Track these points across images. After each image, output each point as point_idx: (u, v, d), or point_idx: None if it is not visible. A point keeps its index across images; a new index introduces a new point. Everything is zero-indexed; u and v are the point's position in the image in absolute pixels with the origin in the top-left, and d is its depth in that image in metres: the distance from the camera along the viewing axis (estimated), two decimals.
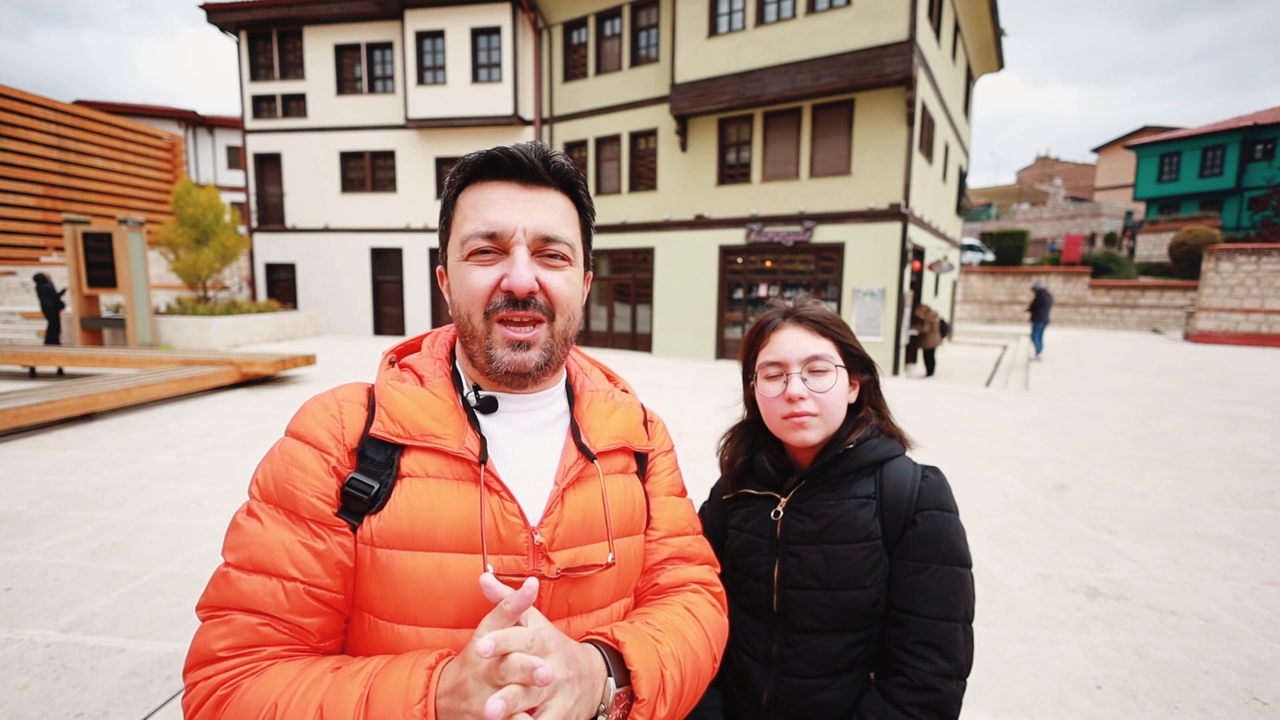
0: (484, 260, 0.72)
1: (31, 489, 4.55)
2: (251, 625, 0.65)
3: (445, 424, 0.73)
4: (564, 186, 0.76)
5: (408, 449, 0.72)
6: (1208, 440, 6.53)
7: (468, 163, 0.74)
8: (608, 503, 0.79)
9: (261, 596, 0.65)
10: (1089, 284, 22.87)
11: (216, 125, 27.84)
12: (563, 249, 0.74)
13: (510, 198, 0.72)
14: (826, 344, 0.99)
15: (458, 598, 0.68)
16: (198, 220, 14.79)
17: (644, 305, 14.84)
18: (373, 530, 0.69)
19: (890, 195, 11.36)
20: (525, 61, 15.65)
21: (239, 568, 0.67)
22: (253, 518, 0.69)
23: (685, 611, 0.83)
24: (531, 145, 0.74)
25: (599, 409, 0.84)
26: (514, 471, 0.75)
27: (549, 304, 0.73)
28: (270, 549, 0.67)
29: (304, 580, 0.67)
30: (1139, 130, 37.16)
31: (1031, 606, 3.11)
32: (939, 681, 0.90)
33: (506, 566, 0.70)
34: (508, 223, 0.71)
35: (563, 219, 0.75)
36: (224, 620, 0.65)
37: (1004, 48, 18.14)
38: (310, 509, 0.68)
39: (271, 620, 0.66)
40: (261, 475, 0.71)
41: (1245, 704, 2.37)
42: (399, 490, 0.70)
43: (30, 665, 2.49)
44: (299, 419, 0.75)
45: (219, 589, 0.67)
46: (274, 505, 0.69)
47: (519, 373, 0.73)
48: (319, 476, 0.69)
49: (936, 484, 0.98)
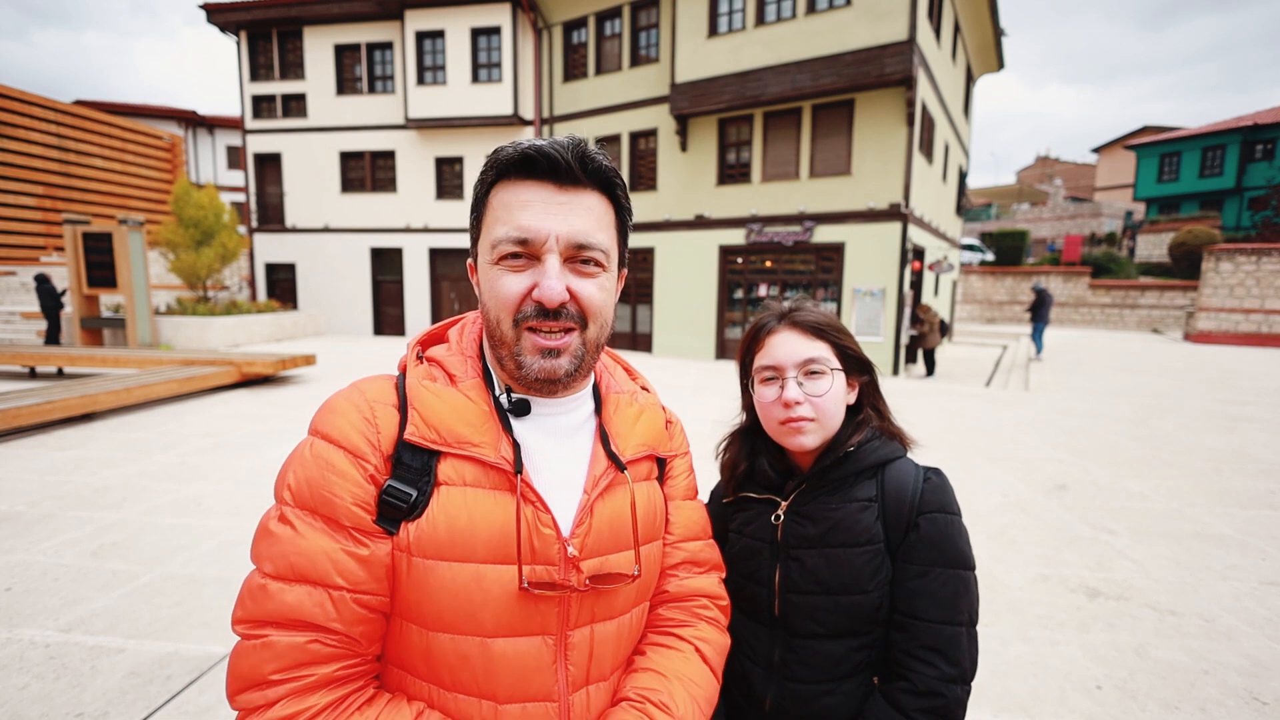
0: (515, 266, 0.69)
1: (31, 489, 4.55)
2: (299, 645, 0.63)
3: (481, 431, 0.71)
4: (602, 186, 0.73)
5: (443, 455, 0.70)
6: (1208, 440, 6.53)
7: (501, 159, 0.70)
8: (637, 513, 0.78)
9: (309, 608, 0.63)
10: (1089, 284, 22.86)
11: (216, 125, 27.84)
12: (597, 255, 0.71)
13: (544, 200, 0.69)
14: (822, 346, 0.98)
15: (494, 608, 0.68)
16: (198, 221, 14.79)
17: (644, 305, 14.84)
18: (410, 539, 0.67)
19: (890, 195, 11.35)
20: (525, 61, 15.65)
21: (279, 578, 0.64)
22: (286, 524, 0.66)
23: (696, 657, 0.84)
24: (569, 142, 0.69)
25: (625, 413, 0.83)
26: (545, 479, 0.74)
27: (580, 312, 0.71)
28: (313, 558, 0.64)
29: (350, 589, 0.65)
30: (1139, 130, 37.15)
31: (1031, 606, 3.11)
32: (944, 686, 0.90)
33: (539, 576, 0.70)
34: (540, 229, 0.68)
35: (598, 223, 0.71)
36: (266, 643, 0.63)
37: (1004, 48, 18.14)
38: (351, 517, 0.66)
39: (320, 634, 0.64)
40: (294, 479, 0.68)
41: (1245, 704, 2.37)
42: (436, 498, 0.69)
43: (30, 665, 2.49)
44: (329, 419, 0.71)
45: (258, 602, 0.64)
46: (310, 512, 0.67)
47: (549, 380, 0.71)
48: (357, 483, 0.67)
49: (939, 486, 0.98)
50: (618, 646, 0.79)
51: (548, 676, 0.72)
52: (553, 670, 0.72)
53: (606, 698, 0.78)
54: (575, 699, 0.74)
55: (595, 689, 0.77)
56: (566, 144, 0.69)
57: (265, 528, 0.68)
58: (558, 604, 0.71)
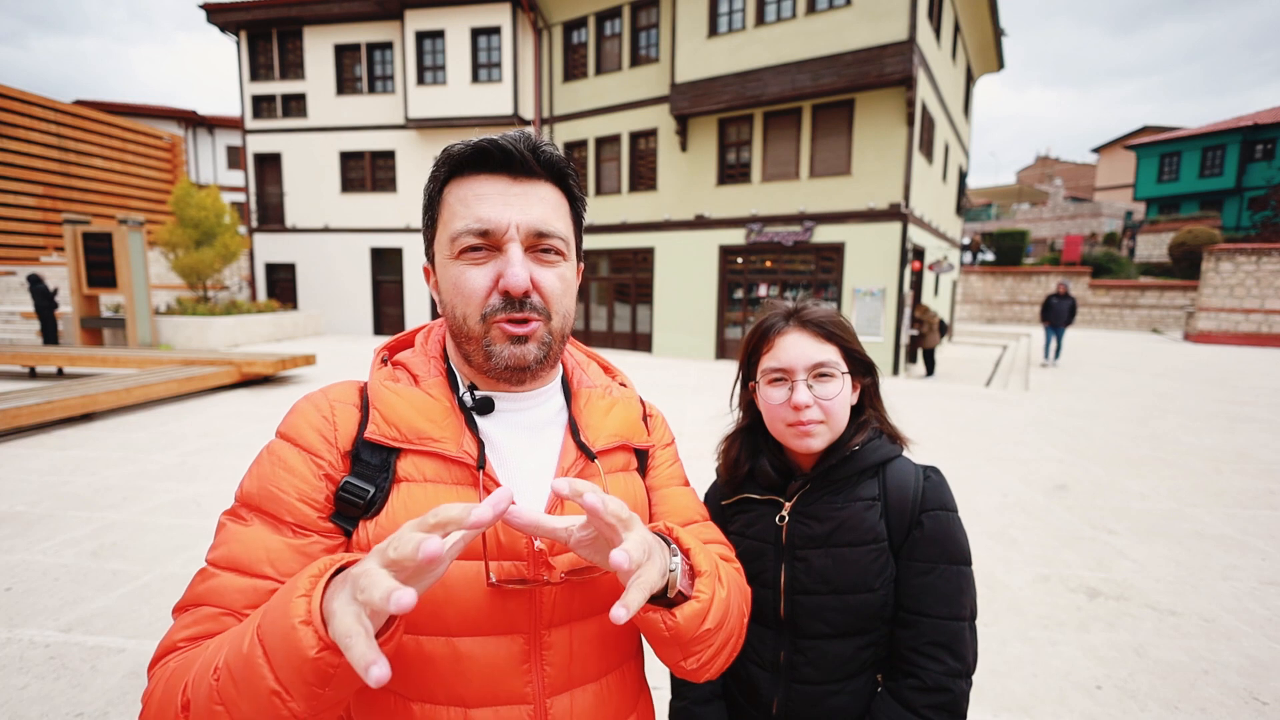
0: (476, 259, 0.70)
1: (31, 489, 4.54)
2: (213, 615, 0.63)
3: (441, 426, 0.71)
4: (555, 177, 0.73)
5: (404, 452, 0.70)
6: (1208, 440, 6.53)
7: (453, 154, 0.70)
8: None
9: (230, 593, 0.64)
10: (1089, 284, 22.86)
11: (216, 125, 27.83)
12: (556, 243, 0.71)
13: (501, 192, 0.69)
14: (831, 349, 0.97)
15: (459, 605, 0.67)
16: (199, 222, 14.79)
17: (644, 305, 14.83)
18: (369, 536, 0.67)
19: (890, 195, 11.35)
20: (525, 61, 15.64)
21: (215, 564, 0.66)
22: (235, 519, 0.68)
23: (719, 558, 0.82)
24: (520, 135, 0.70)
25: (597, 406, 0.82)
26: (512, 474, 0.73)
27: (543, 303, 0.71)
28: (248, 546, 0.65)
29: (277, 579, 0.64)
30: (1139, 130, 37.16)
31: (1031, 606, 3.11)
32: (951, 681, 0.90)
33: (507, 572, 0.69)
34: (500, 219, 0.68)
35: (555, 211, 0.72)
36: (190, 613, 0.64)
37: (1004, 48, 18.14)
38: (294, 512, 0.67)
39: (234, 615, 0.63)
40: (248, 478, 0.70)
41: (1245, 704, 2.37)
42: (395, 495, 0.68)
43: (30, 665, 2.49)
44: (289, 420, 0.73)
45: (192, 586, 0.66)
46: (254, 509, 0.68)
47: (518, 367, 0.71)
48: (306, 479, 0.68)
49: (938, 484, 0.99)
50: (604, 646, 0.76)
51: (519, 678, 0.70)
52: (524, 671, 0.70)
53: (595, 701, 0.75)
54: (555, 702, 0.71)
55: (581, 692, 0.74)
56: (518, 136, 0.70)
57: (219, 522, 0.70)
58: (528, 601, 0.70)
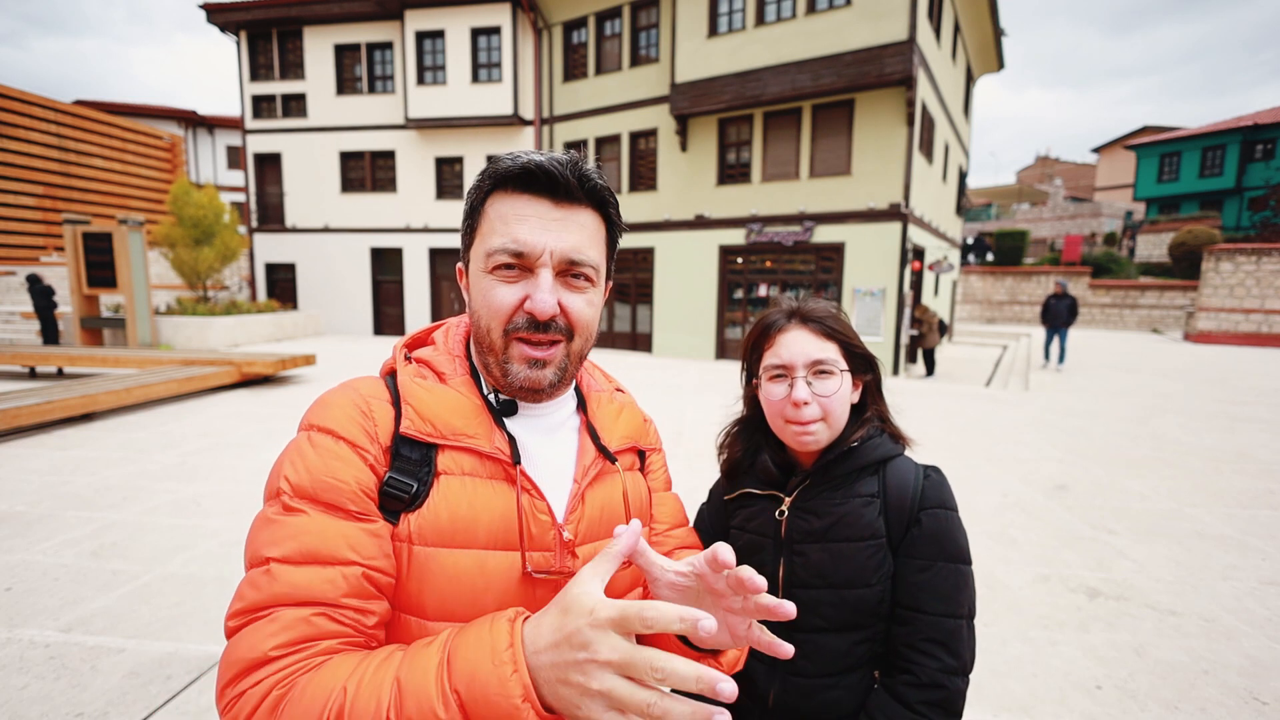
0: (508, 277, 0.71)
1: (31, 489, 4.54)
2: (304, 617, 0.59)
3: (474, 424, 0.74)
4: (596, 204, 0.75)
5: (441, 447, 0.72)
6: (1208, 440, 6.53)
7: (499, 170, 0.72)
8: (629, 499, 0.83)
9: (318, 585, 0.61)
10: (1089, 284, 22.87)
11: (216, 125, 27.84)
12: (587, 271, 0.73)
13: (541, 215, 0.71)
14: (831, 347, 0.99)
15: (496, 593, 0.70)
16: (199, 220, 14.80)
17: (644, 305, 14.83)
18: (411, 529, 0.68)
19: (890, 195, 11.35)
20: (525, 61, 15.65)
21: (287, 561, 0.62)
22: (291, 513, 0.64)
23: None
24: (567, 159, 0.71)
25: (607, 409, 0.87)
26: (537, 470, 0.77)
27: (569, 325, 0.73)
28: (324, 536, 0.63)
29: (364, 563, 0.64)
30: (1139, 130, 37.17)
31: (1031, 606, 3.11)
32: (946, 678, 0.91)
33: (537, 563, 0.72)
34: (536, 243, 0.70)
35: (590, 240, 0.74)
36: (271, 618, 0.59)
37: (1004, 48, 18.14)
38: (356, 500, 0.66)
39: (327, 609, 0.61)
40: (293, 472, 0.67)
41: (1245, 704, 2.38)
42: (437, 488, 0.70)
43: (30, 665, 2.49)
44: (324, 413, 0.71)
45: (260, 587, 0.61)
46: (312, 500, 0.65)
47: (533, 389, 0.74)
48: (360, 469, 0.68)
49: (938, 482, 1.00)
50: None
51: None
52: None
53: None
54: None
55: None
56: (565, 161, 0.71)
57: (264, 519, 0.65)
58: (555, 590, 0.73)
